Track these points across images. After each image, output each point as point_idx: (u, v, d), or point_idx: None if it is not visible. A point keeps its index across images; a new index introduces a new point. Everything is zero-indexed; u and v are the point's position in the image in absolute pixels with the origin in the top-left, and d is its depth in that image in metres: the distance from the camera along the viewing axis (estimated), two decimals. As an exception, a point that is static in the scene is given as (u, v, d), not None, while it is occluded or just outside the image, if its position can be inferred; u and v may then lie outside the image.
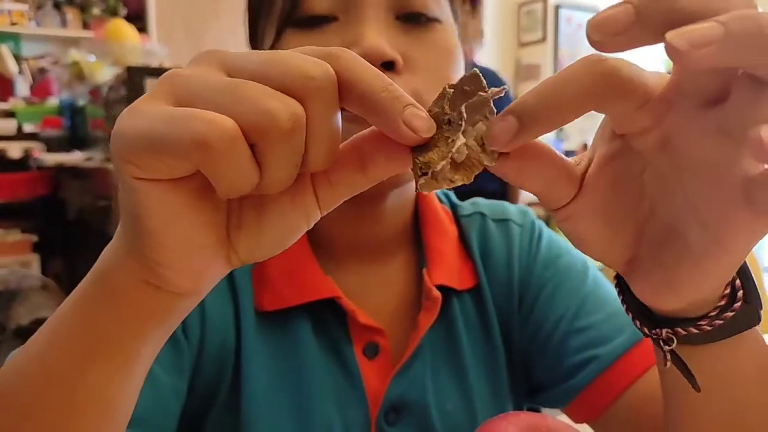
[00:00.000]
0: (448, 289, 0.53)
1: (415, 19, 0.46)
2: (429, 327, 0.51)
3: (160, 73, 1.81)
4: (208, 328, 0.48)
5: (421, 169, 0.25)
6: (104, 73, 2.27)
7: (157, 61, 2.21)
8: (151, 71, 1.84)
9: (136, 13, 3.27)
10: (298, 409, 0.48)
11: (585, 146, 4.13)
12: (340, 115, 0.24)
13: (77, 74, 2.42)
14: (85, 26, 3.27)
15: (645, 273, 0.29)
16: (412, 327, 0.51)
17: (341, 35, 0.44)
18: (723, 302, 0.29)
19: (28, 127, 2.63)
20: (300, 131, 0.22)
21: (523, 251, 0.57)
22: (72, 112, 2.60)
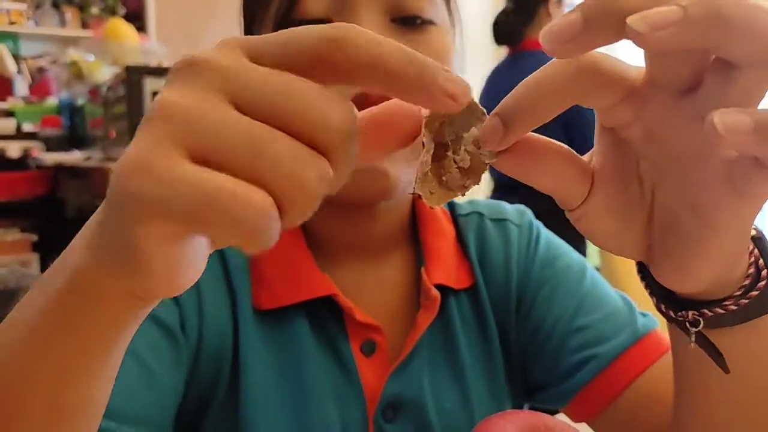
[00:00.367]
0: (446, 288, 0.53)
1: (410, 22, 0.46)
2: (427, 326, 0.51)
3: (160, 72, 1.83)
4: (205, 327, 0.48)
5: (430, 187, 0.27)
6: (103, 73, 2.28)
7: (156, 61, 2.21)
8: (150, 70, 1.84)
9: (134, 12, 3.27)
10: (297, 406, 0.48)
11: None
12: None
13: (76, 73, 2.42)
14: (84, 25, 3.27)
15: (659, 259, 0.29)
16: (409, 325, 0.51)
17: None
18: (747, 281, 0.30)
19: (27, 127, 2.62)
20: (325, 187, 0.21)
21: (521, 252, 0.57)
22: (71, 112, 2.61)
